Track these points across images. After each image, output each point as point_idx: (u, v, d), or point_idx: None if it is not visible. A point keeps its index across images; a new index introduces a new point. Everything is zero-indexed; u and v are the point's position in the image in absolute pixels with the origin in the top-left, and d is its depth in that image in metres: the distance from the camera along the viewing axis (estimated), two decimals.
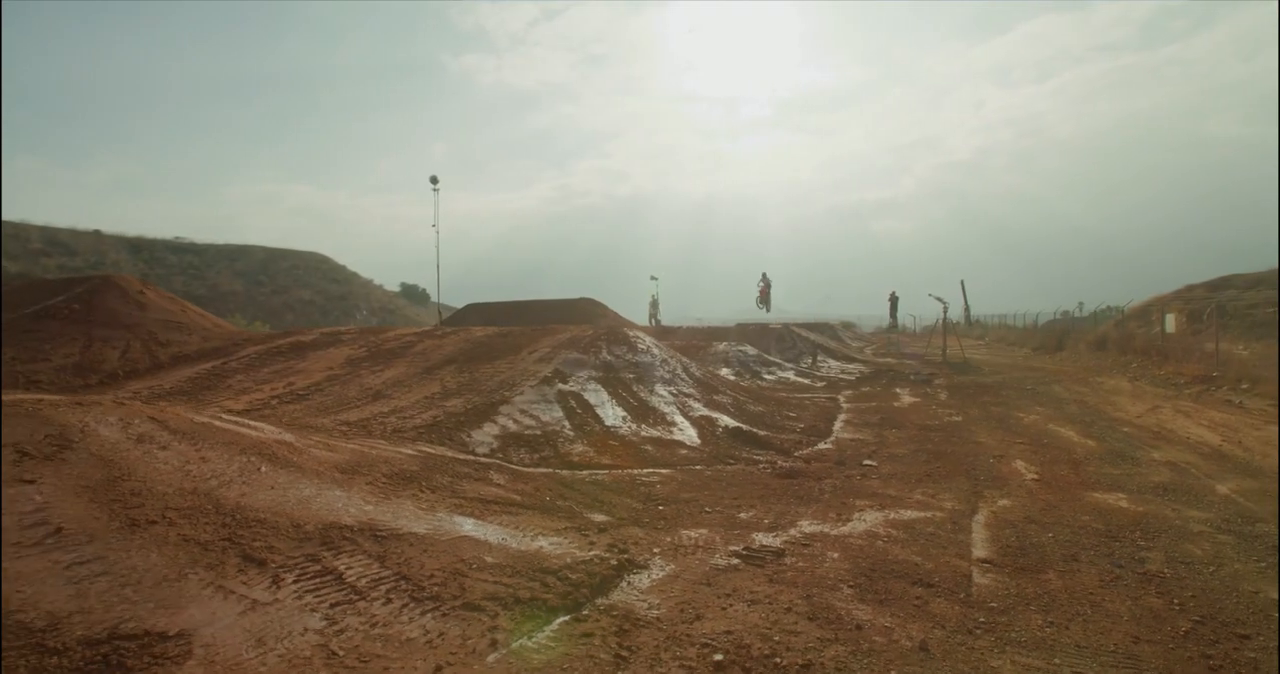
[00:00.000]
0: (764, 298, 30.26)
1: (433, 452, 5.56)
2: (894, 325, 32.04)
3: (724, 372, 14.77)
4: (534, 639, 2.72)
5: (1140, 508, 5.11)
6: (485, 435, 6.51)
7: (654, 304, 30.02)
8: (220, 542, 2.90)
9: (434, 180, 18.97)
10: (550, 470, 5.80)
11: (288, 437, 4.62)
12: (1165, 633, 3.06)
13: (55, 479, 2.92)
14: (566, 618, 2.93)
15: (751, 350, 17.83)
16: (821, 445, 7.73)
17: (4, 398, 3.54)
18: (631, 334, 10.65)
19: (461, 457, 5.60)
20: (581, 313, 28.53)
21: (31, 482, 2.85)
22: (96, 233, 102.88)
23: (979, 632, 2.99)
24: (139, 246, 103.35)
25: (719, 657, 2.63)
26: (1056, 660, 2.76)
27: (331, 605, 2.67)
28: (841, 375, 17.11)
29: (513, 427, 6.83)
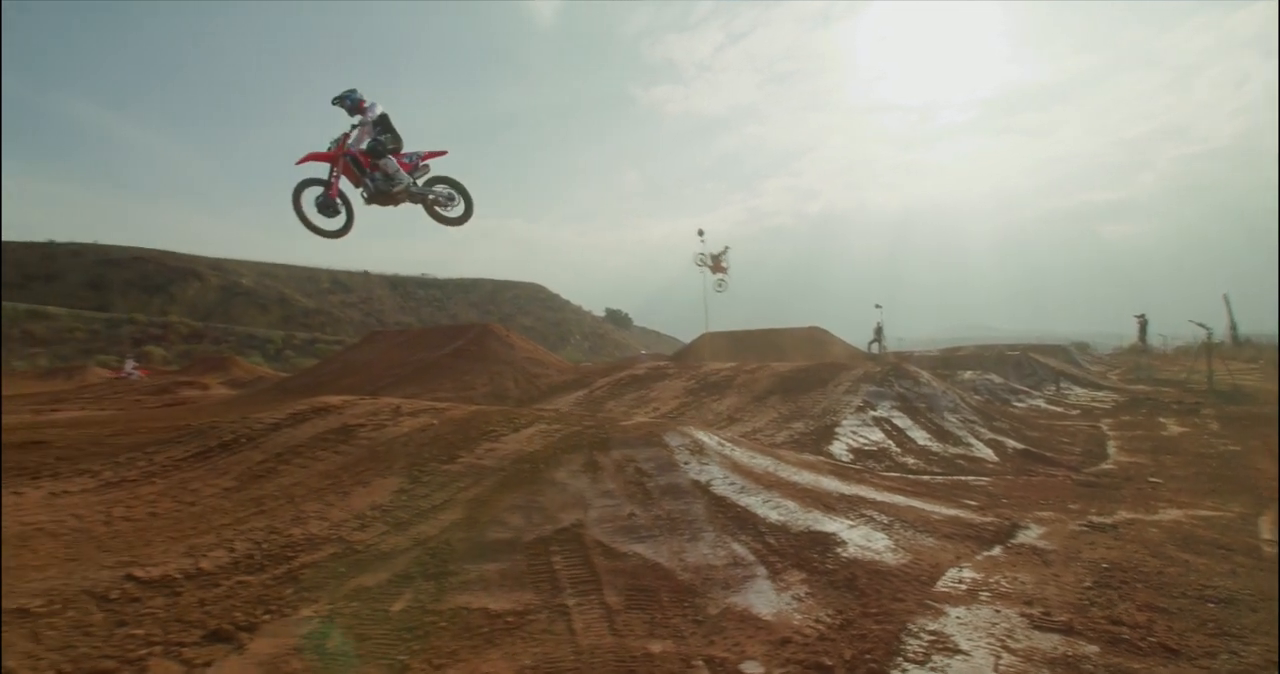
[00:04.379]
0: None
1: (821, 460, 8.23)
2: (1143, 348, 30.55)
3: (975, 401, 16.27)
4: (982, 556, 5.15)
5: None
6: (839, 449, 9.10)
7: (878, 332, 31.35)
8: (811, 504, 5.68)
9: (700, 232, 22.47)
10: (899, 475, 8.22)
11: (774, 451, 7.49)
12: None
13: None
14: (998, 548, 5.33)
15: (997, 379, 18.99)
16: (1104, 466, 9.40)
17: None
18: (912, 369, 12.82)
19: (843, 464, 8.22)
20: (810, 341, 30.69)
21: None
22: (365, 273, 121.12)
23: (1269, 571, 4.96)
24: (395, 283, 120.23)
25: (1105, 566, 4.90)
26: None
27: (874, 529, 5.31)
28: (1093, 403, 17.74)
29: (855, 444, 9.36)
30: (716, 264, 23.38)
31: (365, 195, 6.52)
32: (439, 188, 6.80)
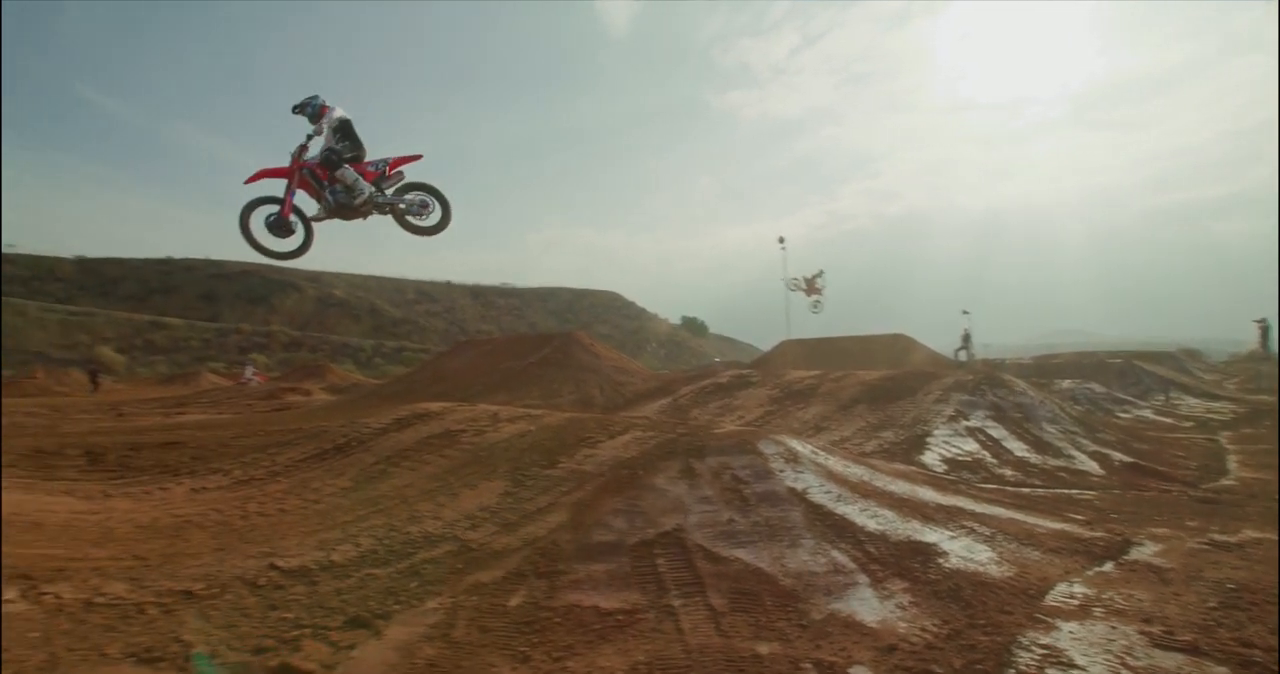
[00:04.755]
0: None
1: (914, 470, 8.09)
2: (1264, 355, 28.32)
3: (1075, 411, 15.51)
4: (1092, 572, 4.98)
5: None
6: (931, 459, 8.91)
7: (965, 339, 30.24)
8: (909, 513, 5.63)
9: (781, 240, 22.34)
10: (997, 487, 7.99)
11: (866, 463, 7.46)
12: None
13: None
14: (1110, 565, 5.15)
15: (1099, 388, 18.04)
16: (1224, 482, 8.84)
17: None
18: (1006, 378, 12.39)
19: (937, 475, 8.06)
20: (894, 348, 29.90)
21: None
22: (448, 283, 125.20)
23: None
24: (476, 293, 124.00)
25: (1231, 586, 4.66)
26: None
27: (976, 541, 5.22)
28: (1209, 415, 16.59)
29: (947, 454, 9.14)
30: (811, 286, 23.36)
31: (324, 210, 5.92)
32: (411, 196, 6.20)
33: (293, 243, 5.91)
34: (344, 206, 5.92)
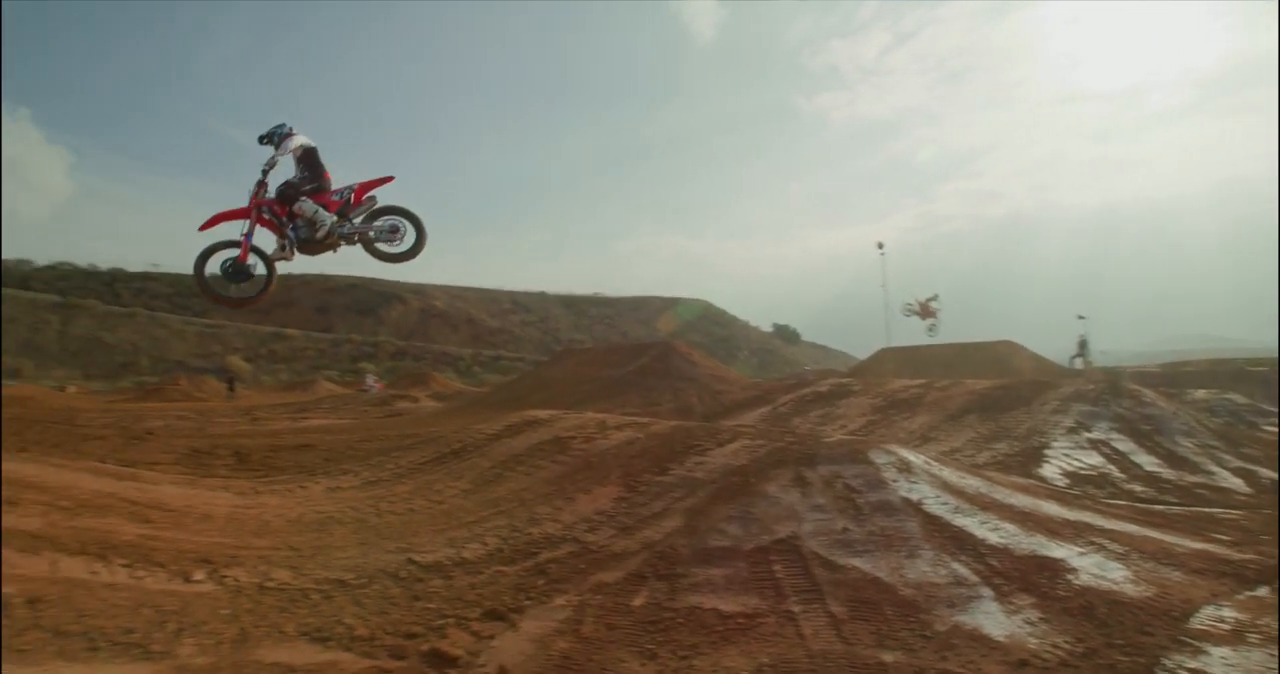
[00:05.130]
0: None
1: (1034, 484, 7.76)
2: None
3: (1213, 424, 14.33)
4: (1244, 596, 4.65)
5: None
6: (1051, 473, 8.51)
7: (1082, 345, 28.45)
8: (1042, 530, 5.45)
9: (880, 245, 21.88)
10: (1127, 503, 7.54)
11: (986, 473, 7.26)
12: None
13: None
14: (1264, 589, 4.80)
15: (1240, 399, 16.57)
16: None
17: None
18: (1132, 387, 11.64)
19: (1060, 489, 7.70)
20: (999, 355, 28.48)
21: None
22: (542, 294, 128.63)
23: None
24: (569, 302, 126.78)
25: None
26: None
27: (1108, 558, 4.98)
28: None
29: (1069, 468, 8.70)
30: (925, 309, 23.09)
31: (287, 248, 5.54)
32: (380, 222, 5.75)
33: (253, 287, 5.55)
34: (307, 242, 5.58)
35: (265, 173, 5.47)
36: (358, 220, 5.72)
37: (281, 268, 5.82)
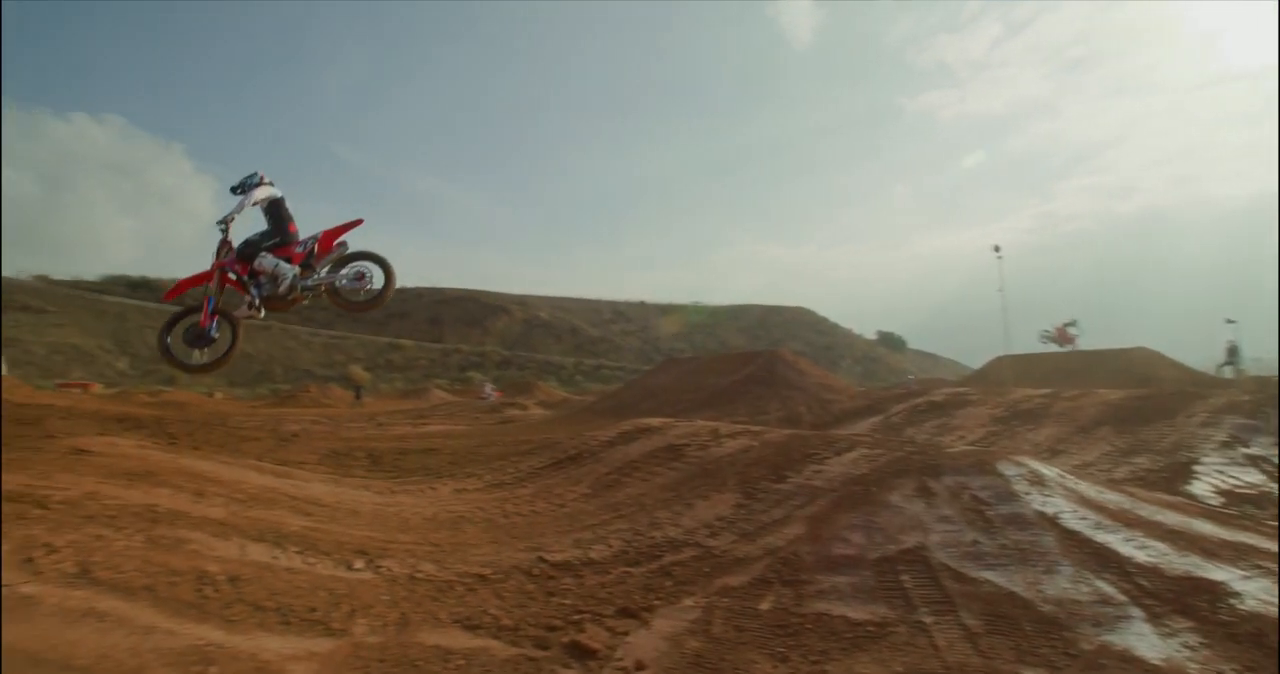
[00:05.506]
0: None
1: (1184, 501, 7.22)
2: None
3: None
4: None
5: None
6: (1202, 490, 7.87)
7: (1231, 352, 25.96)
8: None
9: (996, 248, 20.94)
10: None
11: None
12: None
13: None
14: None
15: None
16: None
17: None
18: None
19: (1213, 508, 7.13)
20: (1133, 363, 26.41)
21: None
22: (642, 303, 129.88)
23: None
24: (669, 311, 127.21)
25: None
26: None
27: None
28: None
29: (1223, 485, 8.02)
30: (1063, 335, 22.22)
31: (252, 307, 5.30)
32: (346, 270, 5.43)
33: (214, 352, 5.26)
34: (271, 298, 5.33)
35: (224, 231, 5.27)
36: (324, 271, 5.45)
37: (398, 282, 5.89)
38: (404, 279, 6.30)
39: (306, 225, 5.60)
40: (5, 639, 2.47)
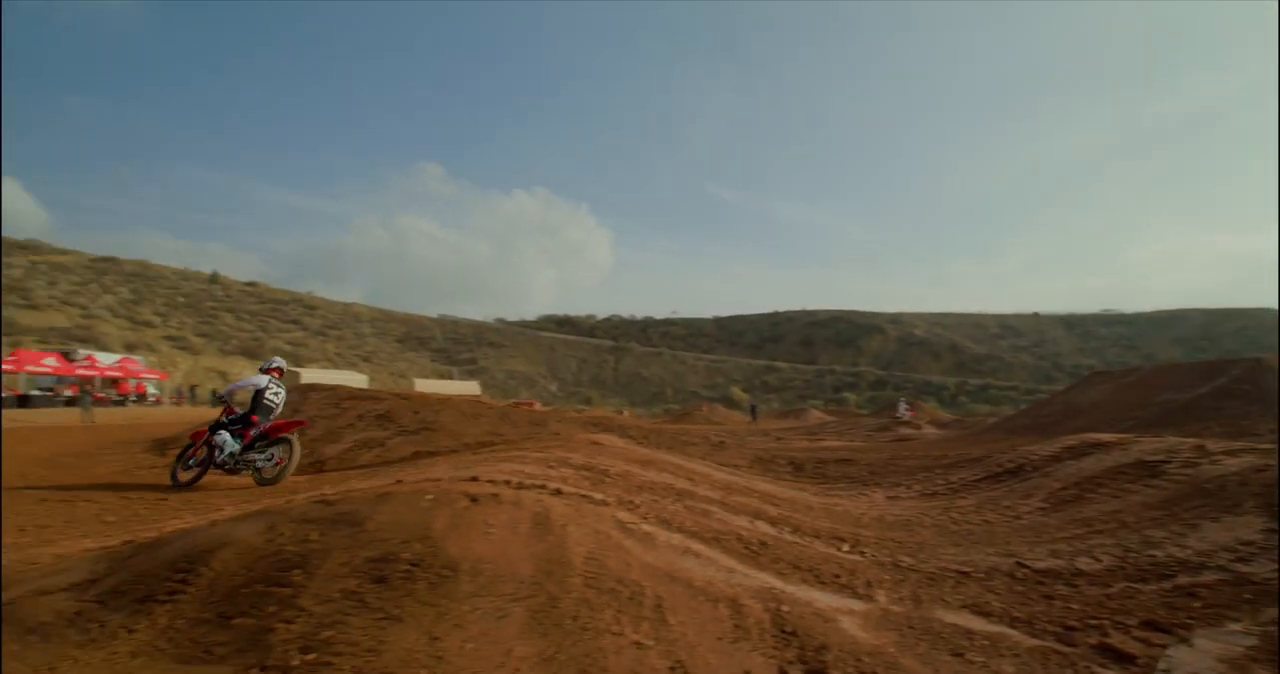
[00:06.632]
0: None
1: None
2: None
3: None
4: None
5: None
6: None
7: None
8: None
9: None
10: None
11: None
12: None
13: None
14: None
15: None
16: None
17: None
18: None
19: None
20: None
21: None
22: (1035, 315, 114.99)
23: None
24: (1070, 323, 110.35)
25: None
26: None
27: None
28: None
29: None
30: None
31: (213, 461, 7.59)
32: (269, 452, 7.58)
33: (191, 475, 7.64)
34: (215, 464, 7.55)
35: (219, 420, 7.84)
36: (263, 451, 7.61)
37: (768, 307, 7.51)
38: (776, 304, 7.13)
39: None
40: (649, 562, 3.35)
